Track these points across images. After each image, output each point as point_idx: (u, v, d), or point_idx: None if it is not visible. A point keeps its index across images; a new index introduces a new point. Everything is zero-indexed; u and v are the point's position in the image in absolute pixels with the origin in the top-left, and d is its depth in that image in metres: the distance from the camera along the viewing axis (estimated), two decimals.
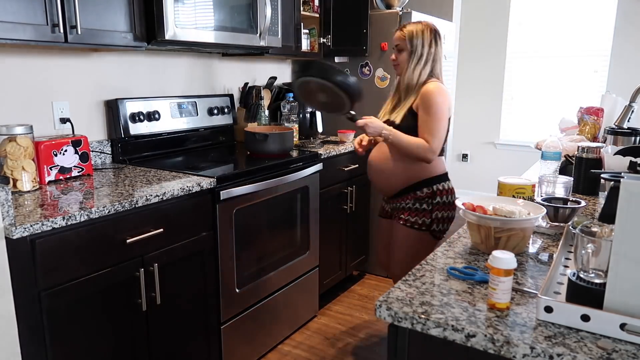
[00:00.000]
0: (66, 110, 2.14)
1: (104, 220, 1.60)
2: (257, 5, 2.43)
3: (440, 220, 2.10)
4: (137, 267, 1.72)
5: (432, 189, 2.07)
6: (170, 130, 2.49)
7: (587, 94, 4.59)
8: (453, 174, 2.34)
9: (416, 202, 2.09)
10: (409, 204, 2.10)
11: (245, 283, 2.24)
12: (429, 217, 2.08)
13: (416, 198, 2.09)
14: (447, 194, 2.10)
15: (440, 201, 2.08)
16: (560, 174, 2.04)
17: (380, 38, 3.16)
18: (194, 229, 1.94)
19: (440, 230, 2.12)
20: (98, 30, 1.85)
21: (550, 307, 0.90)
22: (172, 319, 1.90)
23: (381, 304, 0.97)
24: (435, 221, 2.09)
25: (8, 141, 1.70)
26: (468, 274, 1.11)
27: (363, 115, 2.06)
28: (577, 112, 2.83)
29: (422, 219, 2.08)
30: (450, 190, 2.13)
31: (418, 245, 2.11)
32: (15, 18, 1.60)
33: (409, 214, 2.10)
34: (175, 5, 2.02)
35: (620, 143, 2.17)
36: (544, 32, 4.77)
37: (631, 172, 1.50)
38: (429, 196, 2.08)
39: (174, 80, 2.63)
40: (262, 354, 2.44)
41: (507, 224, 1.22)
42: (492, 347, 0.86)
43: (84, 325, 1.59)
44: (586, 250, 0.95)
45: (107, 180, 1.97)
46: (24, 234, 1.37)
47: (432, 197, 2.08)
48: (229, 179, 2.08)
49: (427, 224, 2.08)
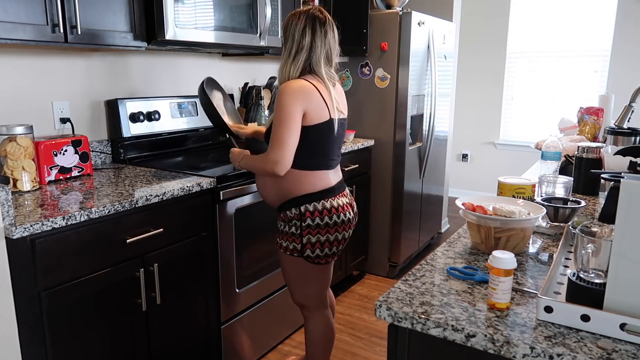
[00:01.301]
0: (66, 110, 2.14)
1: (104, 220, 1.60)
2: (257, 5, 2.43)
3: (315, 245, 1.78)
4: (137, 267, 1.72)
5: (299, 210, 1.76)
6: (170, 130, 2.49)
7: (587, 94, 4.59)
8: (453, 174, 2.32)
9: (286, 224, 1.81)
10: (281, 226, 1.84)
11: (245, 283, 2.24)
12: (299, 242, 1.78)
13: (286, 219, 1.81)
14: (321, 215, 1.76)
15: (312, 224, 1.76)
16: (560, 174, 2.04)
17: (380, 38, 3.16)
18: (194, 229, 1.94)
19: (316, 256, 1.80)
20: (98, 30, 1.86)
21: (550, 307, 0.90)
22: (172, 319, 1.90)
23: (381, 304, 0.97)
24: (307, 246, 1.78)
25: (8, 141, 1.70)
26: (468, 274, 1.11)
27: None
28: (577, 112, 2.83)
29: (293, 244, 1.80)
30: (326, 210, 1.76)
31: (299, 272, 1.86)
32: (16, 18, 1.60)
33: (282, 237, 1.84)
34: (175, 5, 2.02)
35: (620, 143, 2.17)
36: (544, 32, 4.77)
37: (631, 172, 1.50)
38: (297, 218, 1.77)
39: (174, 80, 2.63)
40: (262, 354, 2.44)
41: (507, 224, 1.22)
42: (492, 347, 0.86)
43: (84, 325, 1.59)
44: (586, 250, 0.95)
45: (107, 180, 1.97)
46: (24, 234, 1.37)
47: (300, 219, 1.76)
48: (229, 179, 2.08)
49: (299, 250, 1.79)
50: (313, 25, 1.70)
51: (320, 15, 1.72)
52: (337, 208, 1.79)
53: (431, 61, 3.37)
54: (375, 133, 3.28)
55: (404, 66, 3.12)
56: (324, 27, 1.71)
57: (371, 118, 3.29)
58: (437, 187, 3.91)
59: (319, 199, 1.77)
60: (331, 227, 1.78)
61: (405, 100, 3.15)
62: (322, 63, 1.73)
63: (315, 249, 1.79)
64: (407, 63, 3.11)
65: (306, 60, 1.72)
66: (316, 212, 1.76)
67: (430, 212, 3.83)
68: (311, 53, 1.71)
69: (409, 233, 3.45)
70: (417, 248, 3.68)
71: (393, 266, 3.41)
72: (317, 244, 1.78)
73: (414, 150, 3.35)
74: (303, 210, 1.76)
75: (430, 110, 3.46)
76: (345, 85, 3.33)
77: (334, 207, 1.78)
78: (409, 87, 3.14)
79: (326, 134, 1.74)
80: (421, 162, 3.49)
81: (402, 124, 3.19)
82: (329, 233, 1.78)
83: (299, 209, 1.76)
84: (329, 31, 1.73)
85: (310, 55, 1.71)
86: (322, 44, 1.71)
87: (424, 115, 3.43)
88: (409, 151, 3.27)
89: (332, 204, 1.78)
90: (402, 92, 3.16)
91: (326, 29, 1.72)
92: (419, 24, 3.15)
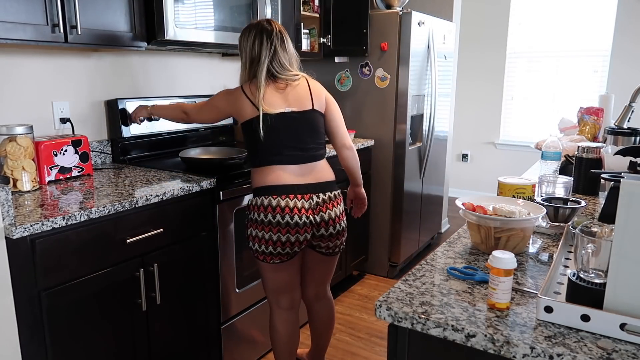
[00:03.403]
0: (66, 110, 2.14)
1: (104, 220, 1.60)
2: (257, 5, 2.43)
3: (255, 239, 1.82)
4: (137, 267, 1.72)
5: (249, 202, 1.87)
6: (170, 130, 2.49)
7: (587, 94, 4.59)
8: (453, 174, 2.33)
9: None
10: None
11: (245, 283, 2.24)
12: (246, 232, 1.88)
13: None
14: (259, 211, 1.79)
15: (252, 217, 1.82)
16: (560, 174, 2.04)
17: (380, 38, 3.16)
18: (194, 229, 1.94)
19: (255, 251, 1.84)
20: (98, 30, 1.85)
21: (550, 307, 0.90)
22: (172, 318, 1.90)
23: (381, 304, 0.97)
24: (249, 238, 1.85)
25: (8, 141, 1.70)
26: (468, 274, 1.11)
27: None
28: (577, 112, 2.83)
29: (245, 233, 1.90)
30: (272, 207, 1.77)
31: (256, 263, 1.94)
32: (16, 18, 1.60)
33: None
34: (175, 5, 2.02)
35: (620, 143, 2.17)
36: (544, 32, 4.77)
37: (631, 172, 1.50)
38: (247, 209, 1.88)
39: (174, 80, 2.63)
40: (262, 354, 2.44)
41: (507, 224, 1.22)
42: (492, 347, 0.86)
43: (84, 325, 1.59)
44: (586, 250, 0.95)
45: (107, 180, 1.97)
46: (24, 234, 1.37)
47: (248, 210, 1.87)
48: (229, 179, 2.07)
49: (247, 241, 1.89)
50: (256, 38, 1.82)
51: (268, 28, 1.84)
52: (284, 208, 1.77)
53: (431, 61, 3.37)
54: (375, 133, 3.28)
55: (404, 66, 3.12)
56: (268, 38, 1.82)
57: (371, 118, 3.29)
58: (437, 187, 3.91)
59: (261, 194, 1.81)
60: (274, 226, 1.78)
61: (405, 100, 3.15)
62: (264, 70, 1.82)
63: (255, 244, 1.83)
64: (407, 63, 3.11)
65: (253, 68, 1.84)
66: (255, 207, 1.81)
67: (430, 212, 3.83)
68: (259, 62, 1.82)
69: (409, 233, 3.46)
70: (417, 248, 3.68)
71: (393, 266, 3.41)
72: (256, 238, 1.82)
73: (414, 150, 3.35)
74: (247, 203, 1.87)
75: (430, 110, 3.46)
76: (345, 85, 3.33)
77: (280, 206, 1.77)
78: (409, 87, 3.14)
79: (256, 129, 1.79)
80: (421, 162, 3.49)
81: (402, 124, 3.20)
82: (272, 232, 1.78)
83: (249, 201, 1.86)
84: (275, 41, 1.83)
85: (259, 64, 1.82)
86: (267, 54, 1.82)
87: (424, 115, 3.43)
88: (409, 151, 3.28)
89: (278, 203, 1.78)
90: (402, 92, 3.16)
91: (272, 39, 1.82)
92: (419, 24, 3.15)
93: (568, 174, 1.96)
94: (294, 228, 1.79)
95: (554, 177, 1.67)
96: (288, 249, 1.82)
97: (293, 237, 1.80)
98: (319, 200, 1.84)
